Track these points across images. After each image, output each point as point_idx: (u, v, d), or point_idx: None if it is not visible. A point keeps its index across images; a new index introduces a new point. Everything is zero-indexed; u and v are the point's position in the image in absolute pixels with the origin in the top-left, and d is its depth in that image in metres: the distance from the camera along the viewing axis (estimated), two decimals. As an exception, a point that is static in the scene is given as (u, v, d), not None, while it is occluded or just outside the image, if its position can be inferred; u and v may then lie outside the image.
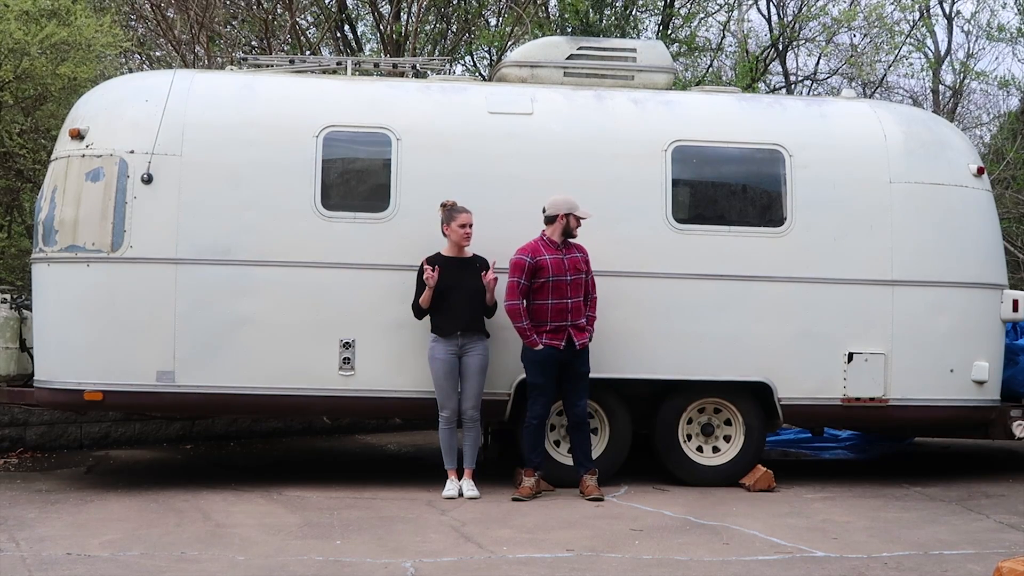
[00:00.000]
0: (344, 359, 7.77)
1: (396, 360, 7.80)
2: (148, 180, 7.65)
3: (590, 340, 7.66)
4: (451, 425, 7.66)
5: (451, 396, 7.62)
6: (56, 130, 10.22)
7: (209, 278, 7.67)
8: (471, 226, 7.62)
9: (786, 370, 8.11)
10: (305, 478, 8.30)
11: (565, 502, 7.50)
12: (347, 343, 7.77)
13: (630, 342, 7.94)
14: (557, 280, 7.56)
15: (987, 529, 6.92)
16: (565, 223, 7.64)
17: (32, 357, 8.11)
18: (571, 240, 7.70)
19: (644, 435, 8.28)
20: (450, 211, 7.64)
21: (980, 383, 8.28)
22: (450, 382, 7.61)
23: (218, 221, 7.70)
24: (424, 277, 7.52)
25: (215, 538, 6.31)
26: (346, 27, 15.15)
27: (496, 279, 7.62)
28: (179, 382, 7.64)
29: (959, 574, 5.71)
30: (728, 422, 8.29)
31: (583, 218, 7.65)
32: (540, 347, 7.54)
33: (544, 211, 7.69)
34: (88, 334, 7.63)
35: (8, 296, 8.56)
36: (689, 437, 8.25)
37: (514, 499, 7.48)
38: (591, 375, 7.87)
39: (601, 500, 7.51)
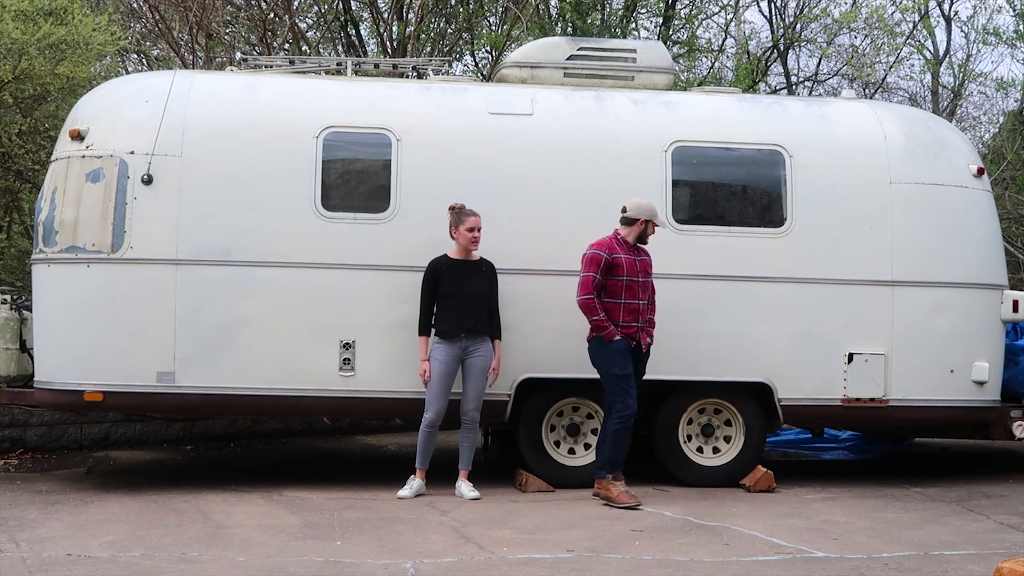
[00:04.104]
0: (344, 360, 7.77)
1: (396, 361, 7.79)
2: (148, 181, 7.65)
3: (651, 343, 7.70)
4: (432, 428, 7.59)
5: (441, 398, 7.54)
6: (55, 130, 10.22)
7: (209, 279, 7.67)
8: (479, 230, 7.59)
9: (786, 370, 8.11)
10: (305, 479, 8.30)
11: (565, 503, 7.50)
12: (347, 344, 7.77)
13: (630, 343, 7.94)
14: (630, 280, 7.52)
15: (987, 529, 6.92)
16: (643, 228, 7.60)
17: (32, 358, 8.10)
18: (640, 244, 7.68)
19: (644, 435, 8.28)
20: (459, 214, 7.61)
21: (980, 383, 8.28)
22: (444, 383, 7.55)
23: (218, 222, 7.69)
24: (420, 373, 7.56)
25: (215, 539, 6.31)
26: (349, 29, 15.13)
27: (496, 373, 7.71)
28: (179, 383, 7.63)
29: (959, 575, 5.71)
30: (728, 423, 8.29)
31: (659, 226, 7.64)
32: (618, 337, 7.46)
33: (624, 211, 7.63)
34: (88, 335, 7.63)
35: (8, 297, 8.56)
36: (689, 438, 8.24)
37: (631, 507, 7.26)
38: (591, 376, 7.89)
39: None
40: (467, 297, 7.58)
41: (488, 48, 15.13)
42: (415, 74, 9.03)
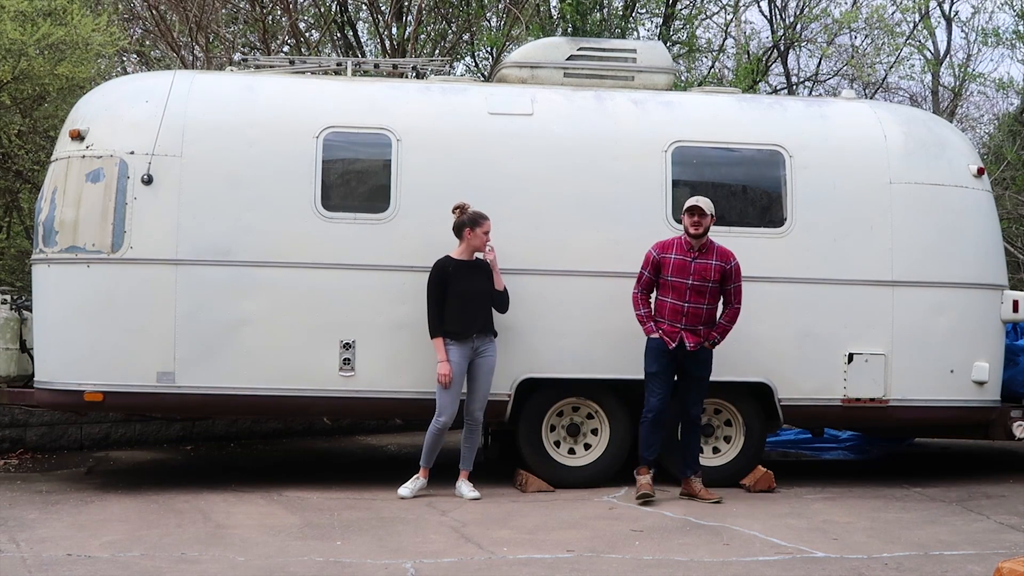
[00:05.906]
0: (344, 360, 7.77)
1: (396, 360, 7.79)
2: (148, 181, 7.65)
3: (712, 346, 7.63)
4: (444, 430, 7.60)
5: (456, 401, 7.55)
6: (54, 131, 10.22)
7: (209, 279, 7.67)
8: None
9: (786, 371, 8.11)
10: (305, 479, 8.30)
11: (565, 503, 7.50)
12: (347, 344, 7.77)
13: (630, 343, 7.91)
14: (676, 281, 7.55)
15: (987, 530, 6.92)
16: (686, 224, 7.59)
17: (32, 358, 8.11)
18: (716, 245, 7.63)
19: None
20: (475, 217, 7.58)
21: (980, 384, 8.28)
22: (459, 386, 7.53)
23: (218, 222, 7.69)
24: (439, 376, 7.45)
25: (215, 539, 6.31)
26: (347, 31, 15.12)
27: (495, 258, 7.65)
28: (179, 383, 7.63)
29: (959, 575, 5.71)
30: (728, 423, 8.29)
31: (697, 216, 7.49)
32: (655, 335, 7.56)
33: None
34: (88, 335, 7.62)
35: (8, 297, 8.56)
36: (689, 438, 8.24)
37: (641, 496, 7.40)
38: (591, 376, 7.91)
39: (719, 502, 7.48)
40: (475, 297, 7.57)
41: (488, 48, 15.13)
42: (415, 74, 9.04)
